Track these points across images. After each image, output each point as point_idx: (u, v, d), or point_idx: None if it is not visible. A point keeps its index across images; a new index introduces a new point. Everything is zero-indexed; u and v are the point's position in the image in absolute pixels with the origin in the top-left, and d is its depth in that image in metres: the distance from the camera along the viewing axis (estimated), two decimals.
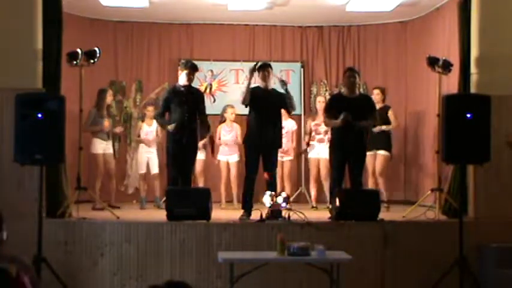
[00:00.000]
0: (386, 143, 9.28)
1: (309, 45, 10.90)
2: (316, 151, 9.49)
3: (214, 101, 10.53)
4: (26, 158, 6.32)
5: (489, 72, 7.37)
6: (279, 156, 9.00)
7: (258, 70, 7.78)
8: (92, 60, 7.65)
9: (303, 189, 10.06)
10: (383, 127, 9.11)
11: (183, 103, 7.68)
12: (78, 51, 7.51)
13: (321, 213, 8.22)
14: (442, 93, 7.46)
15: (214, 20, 10.44)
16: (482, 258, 6.98)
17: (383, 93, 9.45)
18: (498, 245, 6.94)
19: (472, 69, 7.45)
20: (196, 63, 8.18)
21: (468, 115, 6.44)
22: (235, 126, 9.56)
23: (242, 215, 7.47)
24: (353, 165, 7.64)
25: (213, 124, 9.40)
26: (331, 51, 10.90)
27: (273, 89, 7.90)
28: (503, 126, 7.23)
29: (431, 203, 7.84)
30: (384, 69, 10.74)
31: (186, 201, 7.03)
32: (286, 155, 9.58)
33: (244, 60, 10.51)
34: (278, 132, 7.85)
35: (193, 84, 8.04)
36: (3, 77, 6.98)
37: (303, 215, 7.05)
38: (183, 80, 7.81)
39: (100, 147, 8.95)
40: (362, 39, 10.87)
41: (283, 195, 7.20)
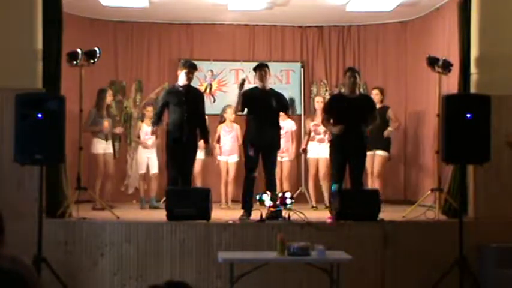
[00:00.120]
0: (385, 143, 9.28)
1: (309, 45, 10.90)
2: (316, 151, 9.50)
3: (214, 101, 10.54)
4: (26, 158, 6.32)
5: (489, 72, 7.37)
6: (279, 157, 9.00)
7: (254, 70, 7.84)
8: (92, 60, 7.65)
9: (302, 189, 10.06)
10: (390, 128, 9.14)
11: (182, 103, 7.69)
12: (78, 51, 7.51)
13: (321, 213, 8.22)
14: (442, 93, 7.46)
15: (214, 20, 10.43)
16: (482, 258, 6.98)
17: (382, 93, 9.45)
18: (498, 245, 6.94)
19: (472, 69, 7.45)
20: (196, 63, 8.19)
21: (468, 115, 6.44)
22: (235, 126, 9.55)
23: (242, 215, 7.47)
24: (353, 165, 7.64)
25: (213, 124, 9.42)
26: (331, 51, 10.91)
27: (271, 89, 7.91)
28: (503, 126, 7.23)
29: (431, 203, 7.84)
30: (384, 69, 10.74)
31: (186, 201, 7.03)
32: (286, 155, 9.58)
33: (244, 60, 10.52)
34: (277, 132, 7.85)
35: (194, 84, 8.05)
36: (3, 77, 6.98)
37: (303, 215, 7.05)
38: (182, 79, 7.82)
39: (100, 147, 8.96)
40: (362, 39, 10.87)
41: (288, 195, 7.19)
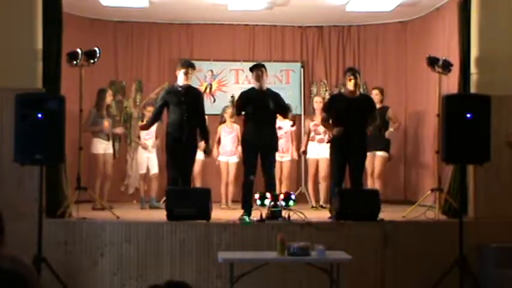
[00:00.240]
0: (385, 143, 9.28)
1: (309, 45, 10.90)
2: (316, 151, 9.50)
3: (214, 101, 10.54)
4: (26, 158, 6.32)
5: (489, 72, 7.37)
6: (279, 157, 9.00)
7: (251, 70, 7.88)
8: (92, 60, 7.65)
9: (303, 189, 10.06)
10: (390, 129, 9.14)
11: (181, 103, 7.68)
12: (78, 51, 7.51)
13: (321, 213, 8.22)
14: (442, 93, 7.46)
15: (214, 20, 10.44)
16: (482, 258, 6.98)
17: (382, 93, 9.45)
18: (498, 245, 6.94)
19: (472, 69, 7.45)
20: (196, 63, 8.19)
21: (468, 115, 6.44)
22: (236, 126, 9.54)
23: (242, 215, 7.47)
24: (354, 165, 7.64)
25: (213, 124, 9.41)
26: (331, 51, 10.91)
27: (268, 89, 7.91)
28: (503, 126, 7.23)
29: (431, 203, 7.84)
30: (384, 69, 10.74)
31: (186, 201, 7.03)
32: (285, 156, 9.58)
33: (244, 60, 10.52)
34: (275, 132, 7.85)
35: (194, 84, 8.04)
36: (3, 77, 6.98)
37: (303, 215, 7.05)
38: (181, 79, 7.81)
39: (101, 147, 8.96)
40: (362, 39, 10.87)
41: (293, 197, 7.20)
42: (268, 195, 7.10)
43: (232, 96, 8.02)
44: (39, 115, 6.24)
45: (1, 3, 7.11)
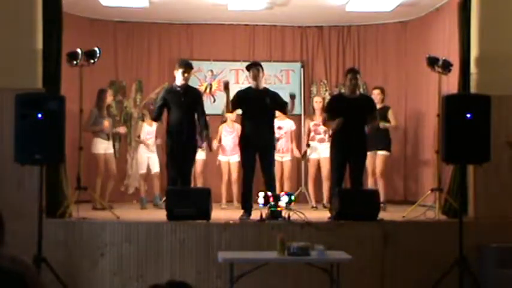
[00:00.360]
0: (385, 142, 9.27)
1: (309, 45, 10.90)
2: (317, 151, 9.49)
3: (214, 101, 10.54)
4: (26, 158, 6.32)
5: (489, 72, 7.37)
6: (279, 157, 8.99)
7: (247, 69, 7.87)
8: (92, 60, 7.66)
9: (303, 189, 10.06)
10: (386, 124, 9.12)
11: (180, 103, 7.68)
12: (78, 51, 7.52)
13: (321, 213, 8.22)
14: (442, 93, 7.46)
15: (214, 20, 10.44)
16: (482, 258, 6.98)
17: (383, 93, 9.43)
18: (498, 245, 6.94)
19: (472, 69, 7.45)
20: (196, 63, 8.20)
21: (468, 115, 6.44)
22: (237, 126, 9.52)
23: (242, 215, 7.47)
24: (354, 165, 7.64)
25: (214, 124, 9.41)
26: (331, 51, 10.91)
27: (265, 87, 7.89)
28: (503, 126, 7.23)
29: (431, 203, 7.84)
30: (384, 69, 10.74)
31: (186, 201, 7.03)
32: (286, 156, 9.57)
33: (244, 60, 10.47)
34: (272, 131, 7.84)
35: (194, 84, 8.04)
36: (3, 77, 6.98)
37: (303, 215, 7.05)
38: (179, 79, 7.80)
39: (101, 147, 8.95)
40: (362, 39, 10.87)
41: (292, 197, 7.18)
42: (269, 195, 7.10)
43: (226, 82, 7.85)
44: (39, 115, 6.24)
45: (1, 3, 7.11)
